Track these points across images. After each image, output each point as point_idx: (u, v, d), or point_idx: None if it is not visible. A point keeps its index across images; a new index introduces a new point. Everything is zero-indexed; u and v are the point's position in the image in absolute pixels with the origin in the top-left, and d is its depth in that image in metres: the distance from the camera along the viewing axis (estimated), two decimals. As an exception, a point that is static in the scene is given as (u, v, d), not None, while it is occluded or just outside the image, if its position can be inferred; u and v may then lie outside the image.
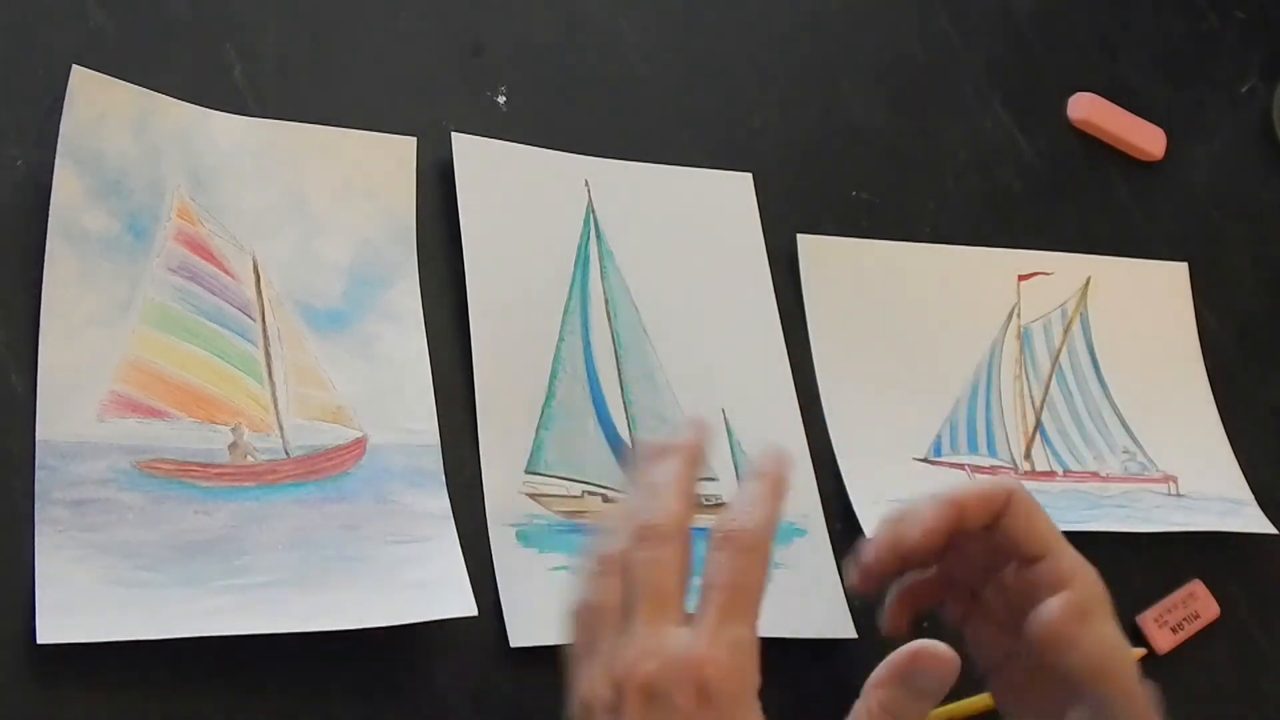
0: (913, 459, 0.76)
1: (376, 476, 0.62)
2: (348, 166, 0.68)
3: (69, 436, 0.57)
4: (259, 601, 0.57)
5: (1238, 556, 0.81)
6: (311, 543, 0.60)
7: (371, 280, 0.66)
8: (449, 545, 0.62)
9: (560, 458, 0.67)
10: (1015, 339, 0.82)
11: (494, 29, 0.75)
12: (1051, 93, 0.90)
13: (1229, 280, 0.90)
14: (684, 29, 0.81)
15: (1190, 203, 0.92)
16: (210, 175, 0.64)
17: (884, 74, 0.86)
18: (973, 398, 0.79)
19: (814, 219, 0.79)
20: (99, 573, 0.55)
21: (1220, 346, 0.87)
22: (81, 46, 0.64)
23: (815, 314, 0.76)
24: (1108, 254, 0.87)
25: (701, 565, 0.53)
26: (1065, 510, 0.76)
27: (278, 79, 0.68)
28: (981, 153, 0.86)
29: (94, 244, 0.60)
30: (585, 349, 0.70)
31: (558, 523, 0.65)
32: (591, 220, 0.73)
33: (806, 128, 0.82)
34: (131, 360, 0.60)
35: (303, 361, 0.64)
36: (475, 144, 0.71)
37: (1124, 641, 0.60)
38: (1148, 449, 0.82)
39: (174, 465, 0.59)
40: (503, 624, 0.62)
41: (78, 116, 0.61)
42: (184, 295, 0.62)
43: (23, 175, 0.61)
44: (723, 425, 0.71)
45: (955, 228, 0.83)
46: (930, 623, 0.64)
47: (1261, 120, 0.96)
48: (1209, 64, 0.97)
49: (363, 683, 0.59)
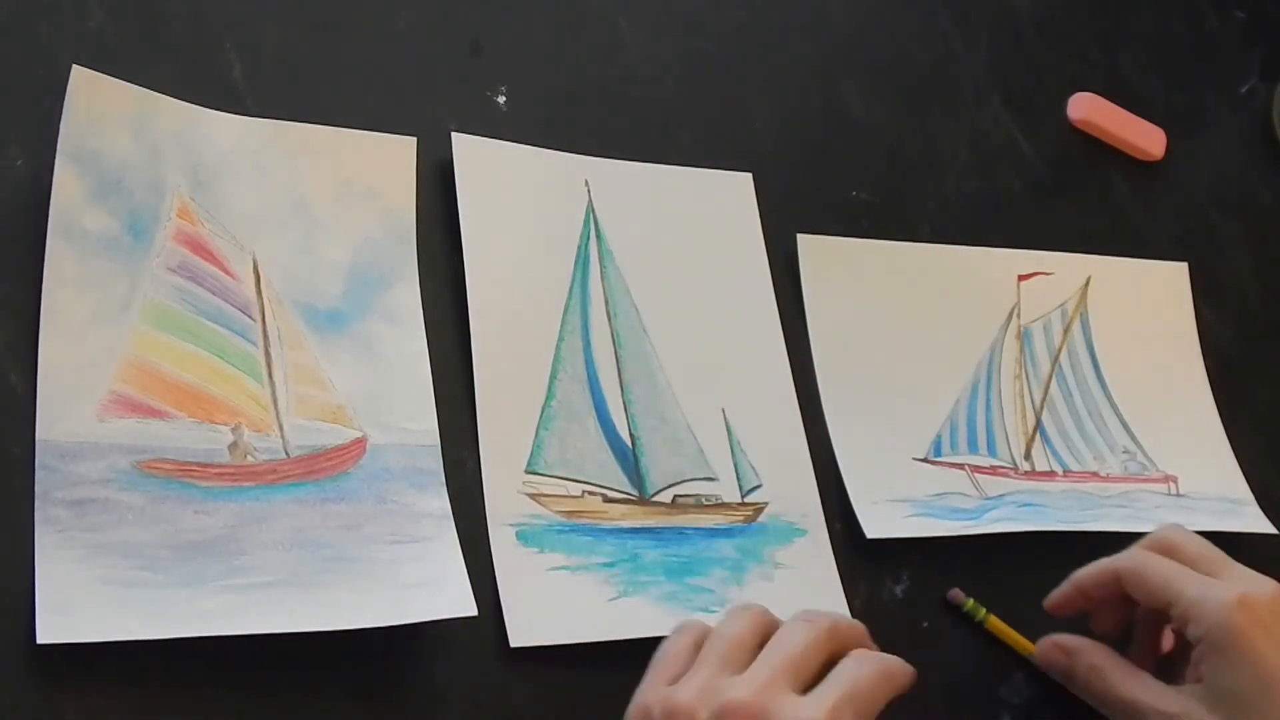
0: (913, 459, 0.76)
1: (376, 476, 0.62)
2: (348, 166, 0.68)
3: (69, 436, 0.57)
4: (259, 601, 0.57)
5: (1238, 556, 0.80)
6: (311, 543, 0.60)
7: (371, 280, 0.66)
8: (449, 545, 0.62)
9: (560, 457, 0.67)
10: (1015, 339, 0.82)
11: (494, 29, 0.75)
12: (1051, 93, 0.90)
13: (1229, 280, 0.90)
14: (684, 29, 0.81)
15: (1190, 203, 0.92)
16: (210, 175, 0.64)
17: (884, 74, 0.86)
18: (973, 398, 0.79)
19: (814, 219, 0.79)
20: (99, 573, 0.55)
21: (1220, 346, 0.87)
22: (81, 46, 0.64)
23: (815, 314, 0.76)
24: (1108, 254, 0.87)
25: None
26: (1065, 510, 0.76)
27: (278, 79, 0.68)
28: (981, 153, 0.86)
29: (94, 244, 0.60)
30: (585, 348, 0.70)
31: (558, 523, 0.65)
32: (591, 220, 0.73)
33: (806, 128, 0.82)
34: (131, 360, 0.60)
35: (303, 361, 0.64)
36: (475, 144, 0.71)
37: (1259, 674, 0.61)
38: (1148, 449, 0.82)
39: (174, 465, 0.59)
40: (503, 624, 0.62)
41: (78, 116, 0.61)
42: (184, 295, 0.62)
43: (23, 175, 0.61)
44: (723, 425, 0.71)
45: (955, 228, 0.83)
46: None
47: (1261, 120, 0.96)
48: (1209, 64, 0.97)
49: (363, 683, 0.59)
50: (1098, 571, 0.67)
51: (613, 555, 0.66)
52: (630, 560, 0.66)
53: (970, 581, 0.73)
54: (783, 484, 0.71)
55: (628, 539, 0.66)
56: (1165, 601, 0.63)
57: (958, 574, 0.73)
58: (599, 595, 0.64)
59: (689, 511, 0.69)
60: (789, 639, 0.55)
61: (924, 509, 0.73)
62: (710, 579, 0.66)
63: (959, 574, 0.73)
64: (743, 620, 0.57)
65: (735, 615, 0.57)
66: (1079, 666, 0.66)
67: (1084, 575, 0.68)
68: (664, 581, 0.66)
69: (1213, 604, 0.62)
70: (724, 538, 0.68)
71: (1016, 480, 0.78)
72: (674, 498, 0.69)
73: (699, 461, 0.70)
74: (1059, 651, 0.67)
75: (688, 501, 0.69)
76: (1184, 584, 0.63)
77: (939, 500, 0.74)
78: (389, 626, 0.58)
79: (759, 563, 0.68)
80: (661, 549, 0.66)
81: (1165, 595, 0.64)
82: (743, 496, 0.70)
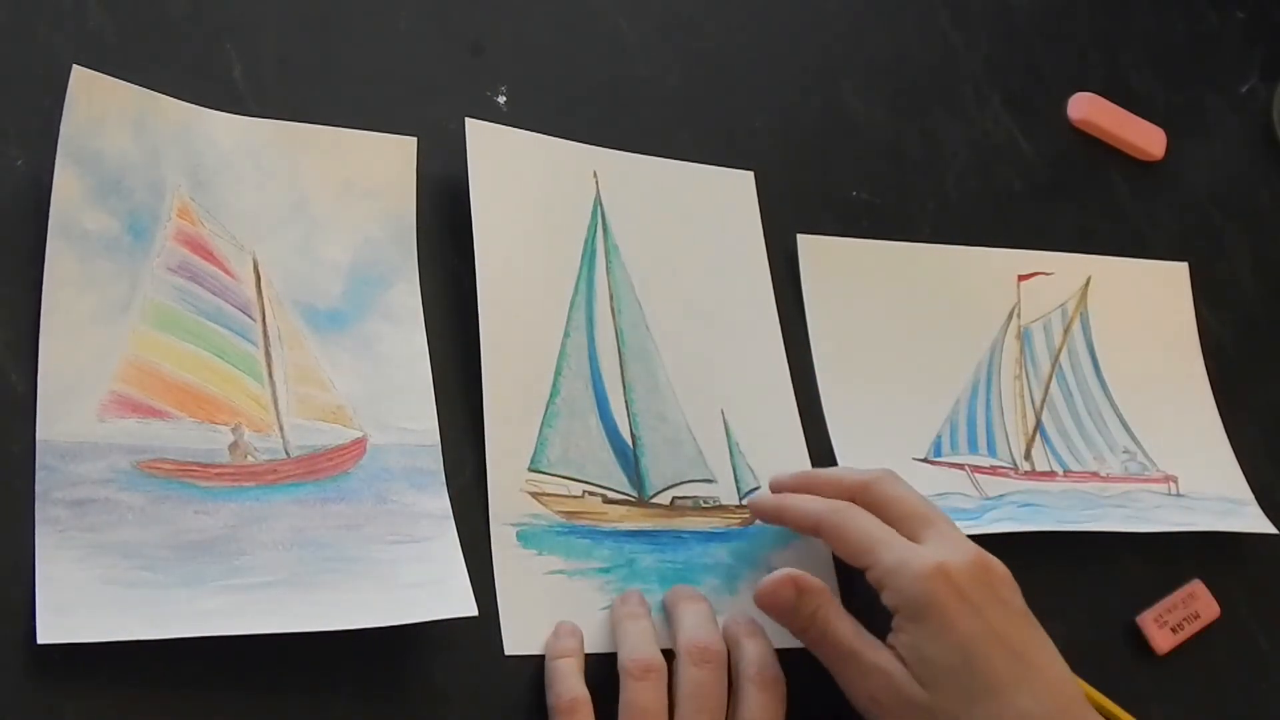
0: (913, 459, 0.76)
1: (376, 476, 0.62)
2: (348, 166, 0.68)
3: (69, 436, 0.57)
4: (259, 601, 0.57)
5: (1238, 556, 0.81)
6: (311, 543, 0.60)
7: (371, 280, 0.66)
8: (449, 545, 0.62)
9: (562, 456, 0.67)
10: (1015, 339, 0.82)
11: (494, 29, 0.75)
12: (1051, 93, 0.90)
13: (1229, 280, 0.90)
14: (684, 29, 0.81)
15: (1190, 203, 0.92)
16: (210, 175, 0.64)
17: (884, 74, 0.86)
18: (973, 398, 0.79)
19: (814, 219, 0.79)
20: (99, 573, 0.55)
21: (1220, 346, 0.87)
22: (81, 46, 0.64)
23: (815, 314, 0.76)
24: (1108, 254, 0.87)
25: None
26: (1065, 510, 0.76)
27: (278, 79, 0.68)
28: (981, 153, 0.86)
29: (94, 244, 0.60)
30: (590, 345, 0.70)
31: (558, 524, 0.65)
32: (599, 213, 0.73)
33: (806, 128, 0.82)
34: (131, 360, 0.60)
35: (303, 361, 0.64)
36: (488, 130, 0.70)
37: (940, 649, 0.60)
38: (1148, 449, 0.82)
39: (174, 465, 0.59)
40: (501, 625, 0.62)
41: (78, 116, 0.61)
42: (184, 295, 0.62)
43: (23, 175, 0.61)
44: (721, 426, 0.71)
45: (955, 228, 0.83)
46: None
47: (1261, 120, 0.96)
48: (1209, 64, 0.97)
49: (363, 683, 0.59)
50: (801, 515, 0.66)
51: (609, 560, 0.66)
52: (626, 566, 0.66)
53: (970, 581, 0.73)
54: (782, 485, 0.71)
55: (625, 543, 0.66)
56: (863, 565, 0.63)
57: (957, 574, 0.73)
58: (593, 603, 0.64)
59: (687, 514, 0.69)
60: (697, 691, 0.60)
61: (924, 509, 0.73)
62: (704, 587, 0.66)
63: (959, 574, 0.73)
64: (647, 689, 0.60)
65: (641, 685, 0.60)
66: (806, 607, 0.63)
67: (791, 512, 0.66)
68: (658, 590, 0.65)
69: (909, 573, 0.60)
70: (720, 542, 0.68)
71: (1016, 480, 0.78)
72: (673, 499, 0.69)
73: (698, 463, 0.70)
74: (791, 586, 0.63)
75: (686, 503, 0.69)
76: (882, 549, 0.62)
77: (939, 500, 0.74)
78: (389, 626, 0.58)
79: (753, 568, 0.68)
80: (657, 554, 0.66)
81: (863, 560, 0.62)
82: (741, 498, 0.70)
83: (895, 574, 0.61)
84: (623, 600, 0.64)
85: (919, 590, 0.60)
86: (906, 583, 0.60)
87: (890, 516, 0.64)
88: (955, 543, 0.63)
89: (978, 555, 0.62)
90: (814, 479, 0.68)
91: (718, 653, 0.62)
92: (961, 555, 0.62)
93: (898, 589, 0.61)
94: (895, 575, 0.61)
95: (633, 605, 0.64)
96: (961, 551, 0.62)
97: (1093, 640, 0.75)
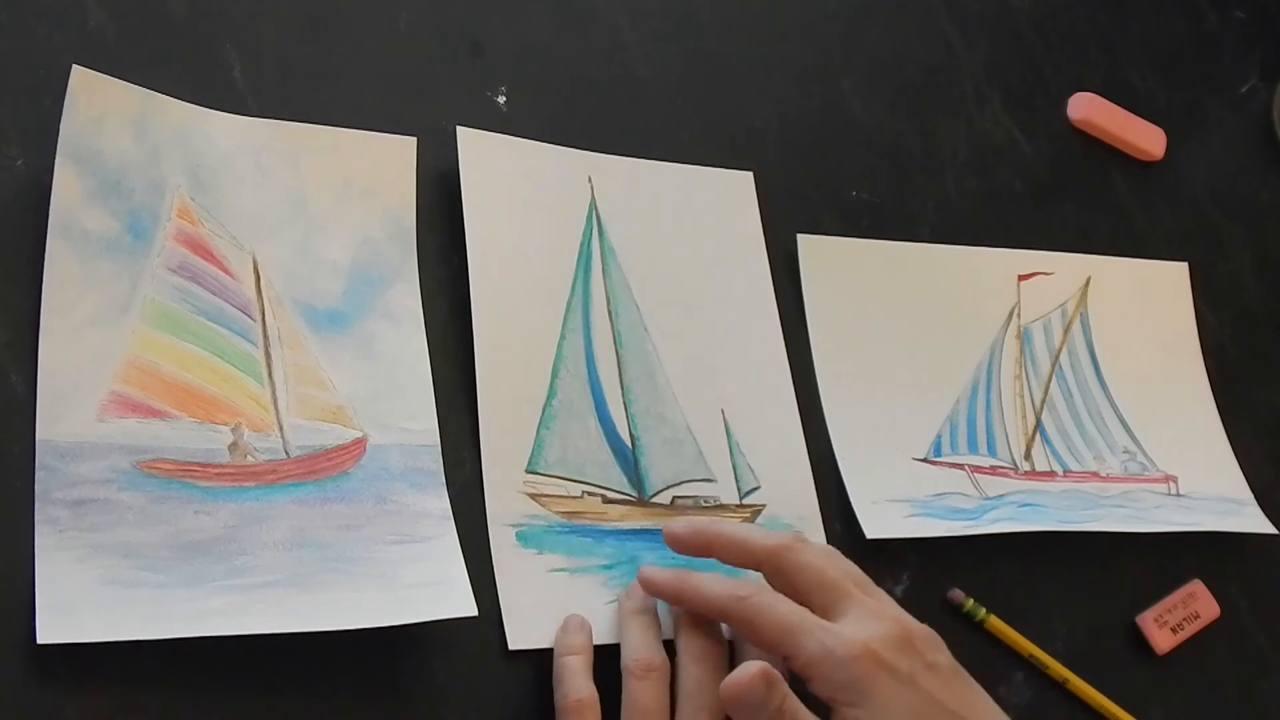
0: (913, 459, 0.76)
1: (376, 476, 0.62)
2: (348, 166, 0.67)
3: (69, 436, 0.57)
4: (259, 601, 0.57)
5: (1238, 556, 0.81)
6: (311, 543, 0.60)
7: (371, 280, 0.66)
8: (449, 545, 0.62)
9: (560, 457, 0.67)
10: (1015, 339, 0.82)
11: (494, 29, 0.75)
12: (1051, 93, 0.90)
13: (1229, 280, 0.90)
14: (684, 29, 0.81)
15: (1190, 203, 0.92)
16: (210, 175, 0.64)
17: (884, 74, 0.86)
18: (973, 398, 0.79)
19: (814, 219, 0.79)
20: (99, 573, 0.55)
21: (1220, 346, 0.87)
22: (81, 46, 0.64)
23: (815, 314, 0.76)
24: (1108, 254, 0.87)
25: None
26: (1065, 510, 0.76)
27: (278, 79, 0.68)
28: (981, 153, 0.86)
29: (94, 244, 0.60)
30: (587, 347, 0.70)
31: (558, 524, 0.65)
32: (594, 216, 0.73)
33: (806, 128, 0.82)
34: (131, 360, 0.60)
35: (303, 361, 0.64)
36: (480, 138, 0.71)
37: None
38: (1148, 449, 0.82)
39: (174, 465, 0.59)
40: (503, 625, 0.62)
41: (78, 116, 0.61)
42: (184, 295, 0.62)
43: (23, 175, 0.61)
44: (722, 426, 0.71)
45: (955, 228, 0.83)
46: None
47: (1261, 120, 0.96)
48: (1209, 64, 0.97)
49: (363, 683, 0.59)
50: (703, 603, 0.62)
51: (611, 557, 0.66)
52: (629, 563, 0.66)
53: (970, 581, 0.73)
54: (781, 486, 0.71)
55: (626, 541, 0.66)
56: (783, 654, 0.60)
57: (958, 574, 0.73)
58: (598, 598, 0.64)
59: (688, 513, 0.69)
60: (697, 690, 0.60)
61: (924, 509, 0.73)
62: None
63: (959, 574, 0.73)
64: (649, 689, 0.60)
65: (642, 685, 0.60)
66: (773, 701, 0.58)
67: (692, 598, 0.62)
68: None
69: (835, 661, 0.58)
70: (722, 540, 0.68)
71: (1016, 480, 0.78)
72: (673, 499, 0.69)
73: (698, 463, 0.70)
74: (764, 683, 0.58)
75: (686, 503, 0.69)
76: (802, 636, 0.59)
77: (939, 500, 0.74)
78: (389, 626, 0.58)
79: (755, 565, 0.68)
80: (659, 551, 0.66)
81: (782, 650, 0.59)
82: (741, 498, 0.70)
83: (821, 664, 0.58)
84: (627, 595, 0.64)
85: (851, 677, 0.58)
86: (836, 671, 0.58)
87: (800, 588, 0.61)
88: (871, 613, 0.61)
89: (895, 623, 0.60)
90: (714, 541, 0.64)
91: (718, 651, 0.62)
92: (881, 629, 0.59)
93: (828, 679, 0.58)
94: (821, 665, 0.58)
95: (636, 600, 0.64)
96: (880, 623, 0.60)
97: (1093, 640, 0.75)
